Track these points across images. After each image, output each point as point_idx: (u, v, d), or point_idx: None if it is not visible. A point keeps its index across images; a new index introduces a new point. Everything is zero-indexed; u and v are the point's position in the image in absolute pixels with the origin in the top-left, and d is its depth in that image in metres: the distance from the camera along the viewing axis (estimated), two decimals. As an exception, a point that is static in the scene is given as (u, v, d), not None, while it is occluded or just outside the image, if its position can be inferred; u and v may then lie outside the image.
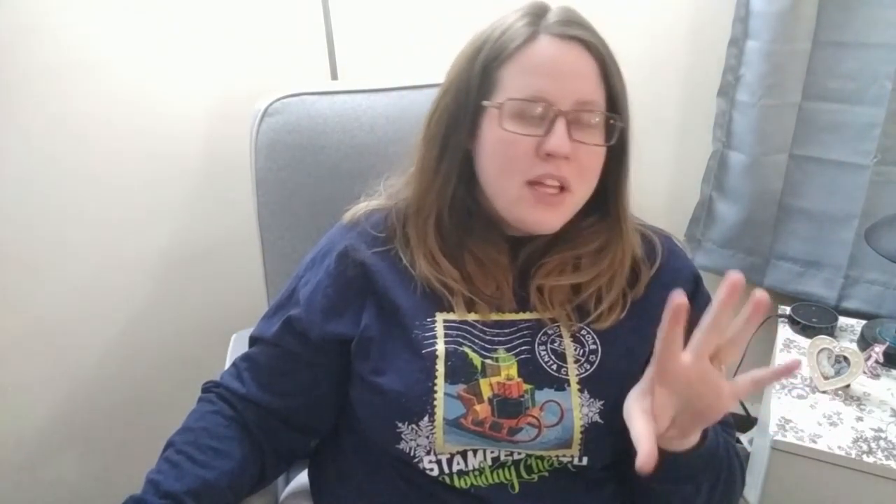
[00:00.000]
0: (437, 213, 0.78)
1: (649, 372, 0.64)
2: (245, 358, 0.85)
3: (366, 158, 1.11)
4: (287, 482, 1.01)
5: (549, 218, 0.74)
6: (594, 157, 0.73)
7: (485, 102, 0.73)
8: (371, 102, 1.13)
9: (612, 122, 0.73)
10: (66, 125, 1.25)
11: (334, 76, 1.46)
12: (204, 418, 0.80)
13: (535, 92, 0.70)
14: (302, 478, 0.97)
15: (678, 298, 0.57)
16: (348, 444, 0.84)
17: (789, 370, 0.60)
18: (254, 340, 0.85)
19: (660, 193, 1.60)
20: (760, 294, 0.59)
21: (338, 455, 0.85)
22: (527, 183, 0.71)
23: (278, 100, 1.10)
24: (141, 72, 1.30)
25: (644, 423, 0.62)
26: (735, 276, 0.59)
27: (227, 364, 1.05)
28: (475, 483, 0.75)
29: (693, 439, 0.67)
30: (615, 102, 0.73)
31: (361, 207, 0.85)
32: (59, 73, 1.21)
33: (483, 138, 0.74)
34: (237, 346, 1.13)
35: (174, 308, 1.48)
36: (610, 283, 0.77)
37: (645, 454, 0.58)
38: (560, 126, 0.69)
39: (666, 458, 0.67)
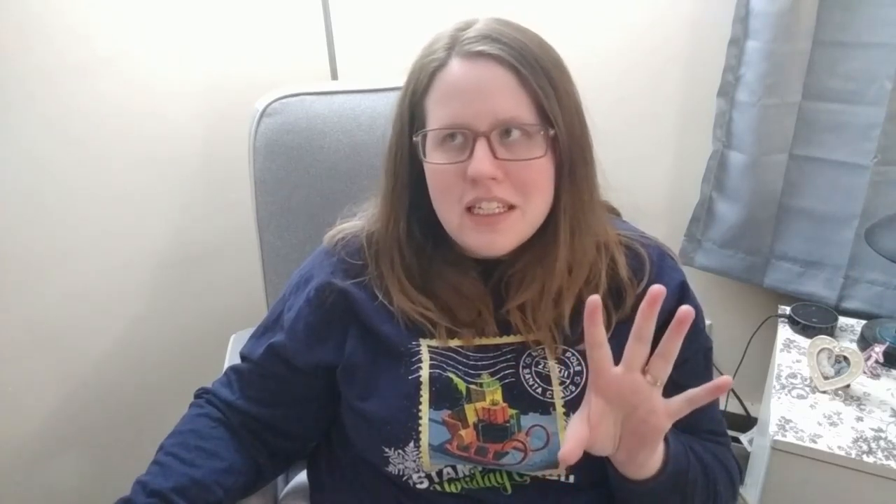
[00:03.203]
0: (399, 248, 0.77)
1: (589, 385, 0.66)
2: (235, 370, 0.85)
3: (365, 158, 1.11)
4: (287, 482, 1.01)
5: (494, 240, 0.70)
6: (532, 171, 0.69)
7: (413, 138, 0.71)
8: (370, 102, 1.13)
9: (546, 132, 0.68)
10: (65, 126, 1.25)
11: (334, 76, 1.46)
12: (192, 421, 0.82)
13: (450, 119, 0.68)
14: (301, 477, 0.98)
15: (591, 298, 0.61)
16: (341, 453, 0.84)
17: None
18: (242, 357, 0.86)
19: (660, 193, 1.60)
20: (685, 309, 0.60)
21: (332, 461, 0.86)
22: (465, 209, 0.69)
23: (277, 100, 1.10)
24: (140, 72, 1.30)
25: (576, 424, 0.64)
26: (656, 289, 0.61)
27: (226, 363, 1.06)
28: (467, 486, 0.75)
29: (652, 467, 0.68)
30: (544, 110, 0.68)
31: (339, 232, 0.83)
32: (59, 75, 1.21)
33: (425, 171, 0.73)
34: (236, 346, 1.12)
35: (173, 308, 1.48)
36: (578, 295, 0.75)
37: (565, 451, 0.61)
38: (480, 149, 0.66)
39: (630, 486, 0.69)
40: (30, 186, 1.24)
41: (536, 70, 0.67)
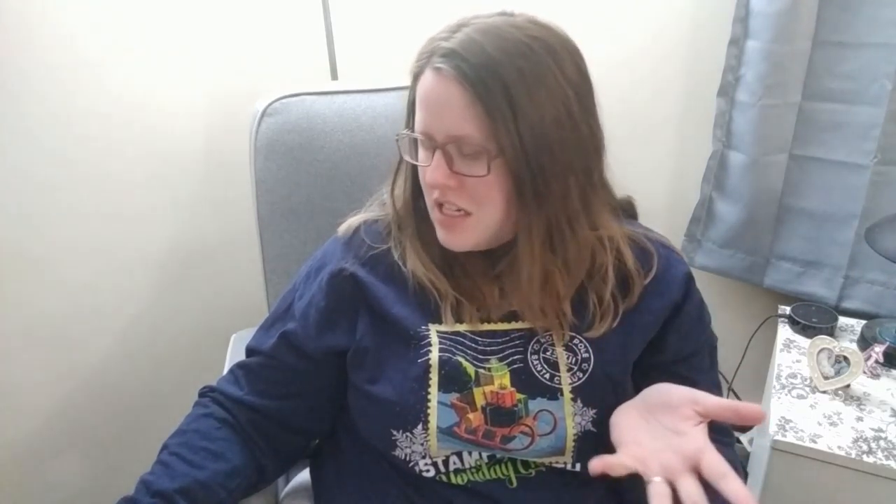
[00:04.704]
0: (415, 227, 0.80)
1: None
2: (242, 366, 0.85)
3: (365, 158, 1.11)
4: (287, 481, 1.01)
5: (452, 238, 0.75)
6: (482, 186, 0.70)
7: (395, 136, 0.77)
8: (371, 102, 1.13)
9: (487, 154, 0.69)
10: (66, 125, 1.25)
11: (334, 76, 1.46)
12: (197, 421, 0.82)
13: (419, 126, 0.72)
14: (301, 477, 0.98)
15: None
16: (347, 444, 0.85)
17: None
18: (250, 351, 0.86)
19: (660, 193, 1.60)
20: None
21: (337, 454, 0.86)
22: (436, 205, 0.74)
23: (278, 100, 1.10)
24: (141, 72, 1.30)
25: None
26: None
27: (227, 363, 1.05)
28: (472, 479, 0.76)
29: None
30: (497, 131, 0.67)
31: (357, 219, 0.85)
32: (59, 73, 1.21)
33: None
34: (237, 346, 1.13)
35: (174, 308, 1.48)
36: (583, 287, 0.77)
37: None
38: (436, 158, 0.70)
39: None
40: (30, 186, 1.24)
41: (493, 91, 0.66)
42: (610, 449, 0.73)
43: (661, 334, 0.78)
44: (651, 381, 0.80)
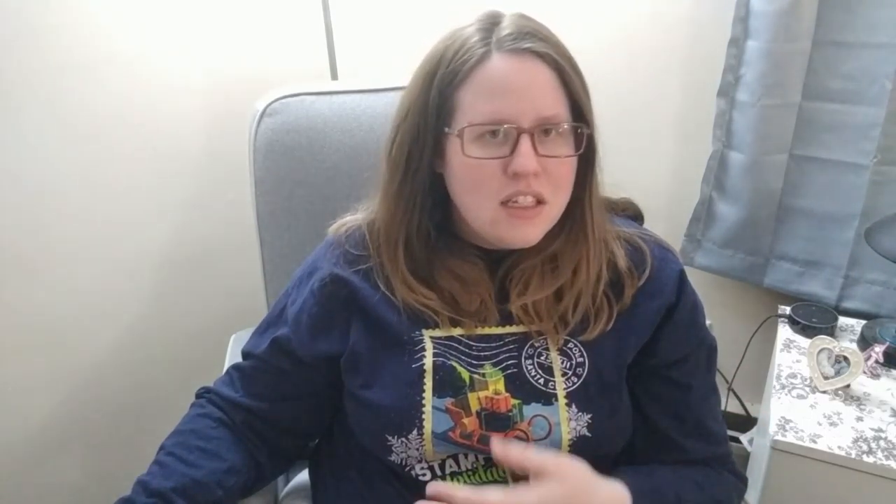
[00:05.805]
0: (406, 238, 0.76)
1: None
2: (237, 368, 0.86)
3: (365, 159, 1.11)
4: (287, 482, 1.01)
5: (528, 232, 0.72)
6: (565, 168, 0.71)
7: (446, 129, 0.71)
8: (370, 102, 1.13)
9: (579, 130, 0.71)
10: (65, 126, 1.25)
11: (334, 76, 1.46)
12: (193, 421, 0.82)
13: (493, 114, 0.68)
14: (301, 477, 0.98)
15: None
16: (343, 446, 0.85)
17: None
18: (245, 355, 0.86)
19: (660, 193, 1.60)
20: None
21: (335, 456, 0.86)
22: (500, 203, 0.70)
23: (277, 100, 1.10)
24: (140, 72, 1.30)
25: None
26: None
27: (226, 363, 1.06)
28: (469, 481, 0.76)
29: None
30: (579, 109, 0.71)
31: (345, 223, 0.84)
32: (58, 74, 1.21)
33: (450, 163, 0.72)
34: (236, 346, 1.12)
35: (173, 308, 1.48)
36: (584, 292, 0.76)
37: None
38: (524, 145, 0.67)
39: None
40: (30, 186, 1.24)
41: (574, 68, 0.70)
42: (606, 452, 0.74)
43: (654, 337, 0.77)
44: (645, 384, 0.80)
